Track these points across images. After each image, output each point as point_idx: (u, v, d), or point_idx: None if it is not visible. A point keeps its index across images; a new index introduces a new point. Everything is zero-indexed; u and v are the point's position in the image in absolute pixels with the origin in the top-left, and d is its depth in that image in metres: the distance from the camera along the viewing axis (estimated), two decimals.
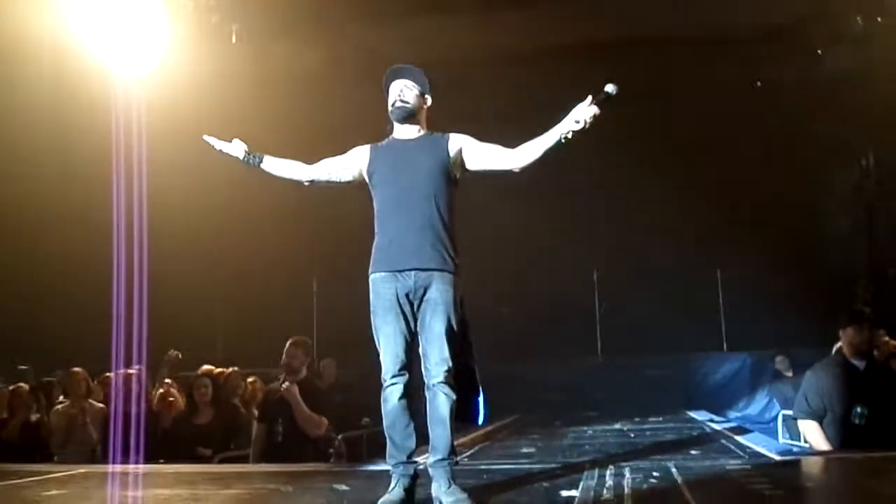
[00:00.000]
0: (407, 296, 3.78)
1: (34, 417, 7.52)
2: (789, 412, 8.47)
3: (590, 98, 3.81)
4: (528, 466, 5.14)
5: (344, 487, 4.37)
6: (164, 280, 9.37)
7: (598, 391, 10.79)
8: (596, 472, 4.59)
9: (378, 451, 6.72)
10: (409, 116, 3.99)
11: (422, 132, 4.04)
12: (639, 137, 11.68)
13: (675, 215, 11.53)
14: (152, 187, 8.57)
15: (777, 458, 5.24)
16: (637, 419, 8.40)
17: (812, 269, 10.93)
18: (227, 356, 8.76)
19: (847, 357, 5.52)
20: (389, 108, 4.00)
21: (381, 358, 3.80)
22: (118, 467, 5.74)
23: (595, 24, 10.24)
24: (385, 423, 3.82)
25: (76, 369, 7.28)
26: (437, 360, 3.75)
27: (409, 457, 3.82)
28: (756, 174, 11.42)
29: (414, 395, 3.82)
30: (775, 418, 9.16)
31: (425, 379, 3.79)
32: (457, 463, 3.88)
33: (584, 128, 3.75)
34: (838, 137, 10.90)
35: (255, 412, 6.91)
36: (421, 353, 3.80)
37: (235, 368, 7.68)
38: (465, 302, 3.93)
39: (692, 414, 9.04)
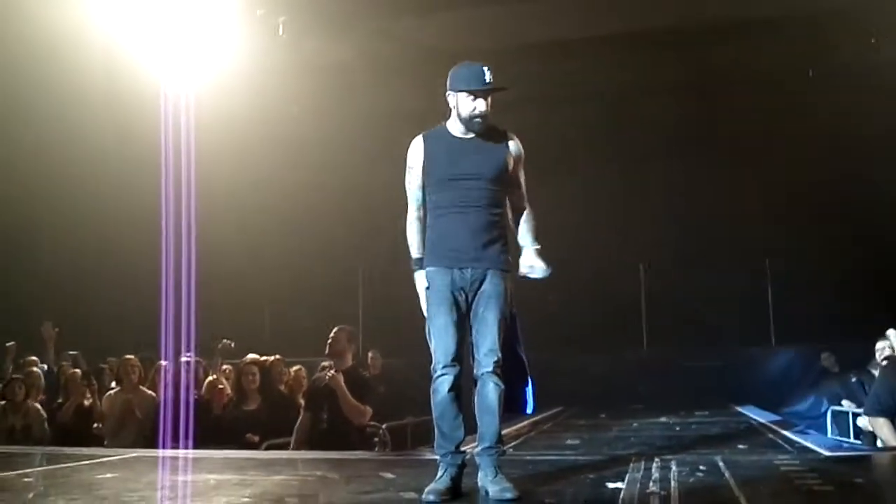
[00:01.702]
0: (462, 289, 3.82)
1: (87, 402, 7.68)
2: (838, 408, 8.37)
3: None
4: (573, 458, 5.14)
5: (390, 475, 4.41)
6: (213, 271, 9.52)
7: (644, 384, 10.73)
8: (642, 464, 4.57)
9: (422, 441, 6.81)
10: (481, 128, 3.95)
11: (489, 138, 3.98)
12: (688, 129, 11.58)
13: (724, 206, 11.40)
14: (201, 180, 8.70)
15: (826, 453, 5.18)
16: (682, 413, 8.34)
17: (862, 262, 10.73)
18: (273, 345, 8.84)
19: None
20: (467, 114, 3.87)
21: (433, 349, 3.82)
22: (168, 452, 5.85)
23: (641, 12, 10.16)
24: (435, 413, 3.83)
25: (129, 356, 7.41)
26: (487, 350, 3.78)
27: (458, 447, 3.83)
28: (808, 163, 11.23)
29: (464, 386, 3.84)
30: (824, 414, 9.03)
31: (475, 369, 3.83)
32: (503, 452, 3.90)
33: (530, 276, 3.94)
34: (890, 126, 10.67)
35: (301, 401, 6.99)
36: (472, 344, 3.84)
37: (279, 356, 7.77)
38: (513, 295, 3.95)
39: (739, 408, 8.95)
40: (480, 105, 3.86)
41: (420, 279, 3.89)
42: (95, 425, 7.36)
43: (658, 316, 11.88)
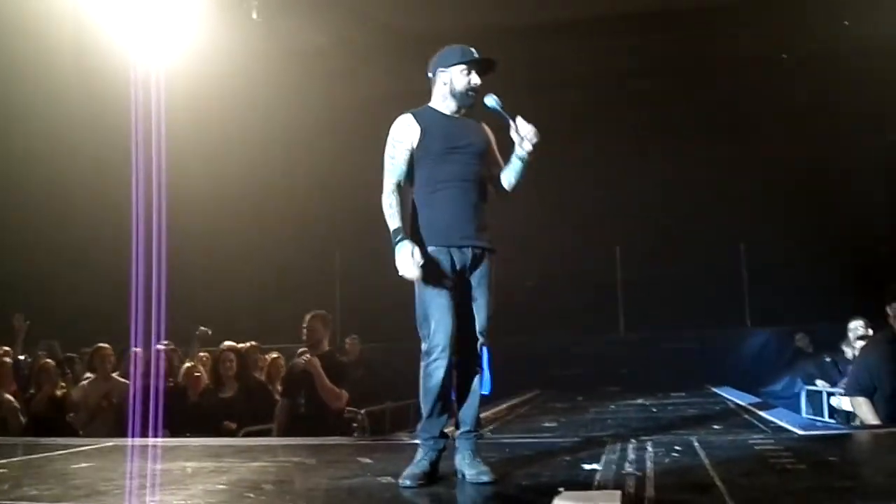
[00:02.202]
0: (461, 271, 3.80)
1: (60, 392, 7.60)
2: (812, 387, 8.47)
3: (513, 125, 3.91)
4: (550, 440, 5.17)
5: (367, 460, 4.41)
6: (188, 258, 9.45)
7: (620, 366, 10.79)
8: (618, 446, 4.60)
9: (400, 425, 6.81)
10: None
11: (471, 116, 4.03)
12: (664, 112, 11.60)
13: (699, 189, 11.45)
14: (172, 165, 8.61)
15: (800, 432, 5.22)
16: (659, 394, 8.40)
17: (836, 244, 10.83)
18: (251, 332, 8.81)
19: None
20: (463, 87, 3.92)
21: (433, 330, 3.71)
22: (145, 440, 5.81)
23: None
24: (426, 396, 3.76)
25: (102, 345, 7.34)
26: (477, 333, 3.82)
27: (442, 432, 3.82)
28: (782, 147, 11.30)
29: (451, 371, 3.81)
30: (798, 394, 9.12)
31: (459, 352, 3.78)
32: (482, 436, 3.90)
33: (533, 142, 3.90)
34: (866, 109, 10.75)
35: (279, 387, 6.98)
36: (466, 327, 3.81)
37: (254, 343, 7.74)
38: None
39: (715, 389, 9.03)
40: (475, 78, 3.92)
41: (406, 251, 3.67)
42: (70, 415, 7.29)
43: (635, 299, 11.94)
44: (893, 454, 4.43)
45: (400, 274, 3.68)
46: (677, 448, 4.44)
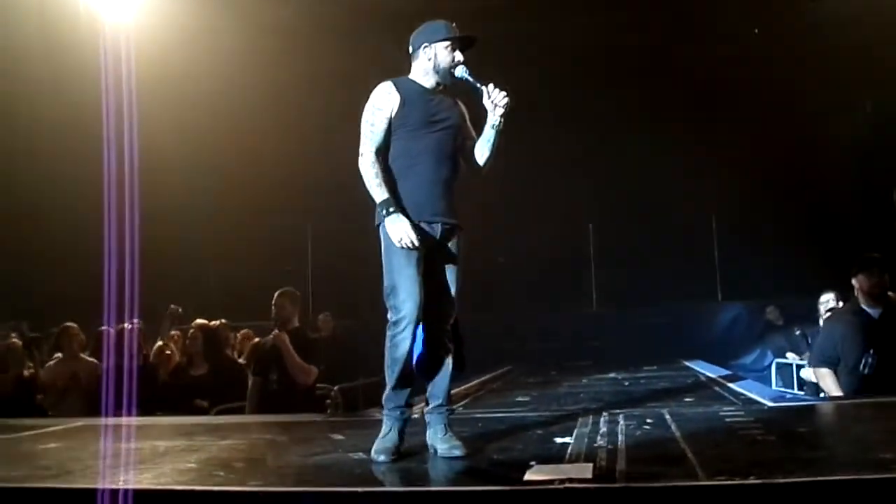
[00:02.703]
0: (430, 245, 3.77)
1: (27, 373, 7.51)
2: (782, 360, 8.56)
3: (485, 92, 3.88)
4: (522, 415, 5.19)
5: (339, 437, 4.39)
6: (159, 234, 9.34)
7: (593, 341, 10.85)
8: (590, 419, 4.62)
9: (374, 402, 6.79)
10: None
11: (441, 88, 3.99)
12: (632, 86, 11.59)
13: (669, 163, 11.47)
14: (143, 139, 8.48)
15: (770, 404, 5.27)
16: (631, 368, 8.45)
17: (807, 217, 10.91)
18: (222, 310, 8.74)
19: (861, 304, 5.51)
20: (447, 63, 3.90)
21: (402, 300, 3.69)
22: (115, 420, 5.76)
23: None
24: (392, 367, 3.76)
25: (69, 324, 7.24)
26: (447, 310, 3.84)
27: (407, 402, 3.83)
28: (752, 122, 11.34)
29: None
30: (768, 366, 9.22)
31: (428, 327, 3.79)
32: (453, 411, 3.90)
33: (505, 106, 3.86)
34: (836, 83, 10.81)
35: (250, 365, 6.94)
36: (434, 303, 3.79)
37: (224, 321, 7.69)
38: None
39: (687, 363, 9.09)
40: (459, 55, 3.92)
41: (402, 223, 3.65)
42: (38, 396, 7.20)
43: (607, 273, 11.99)
44: (861, 425, 4.47)
45: (398, 245, 3.66)
46: (649, 421, 4.47)
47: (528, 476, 3.11)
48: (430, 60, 3.91)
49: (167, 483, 3.38)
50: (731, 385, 6.58)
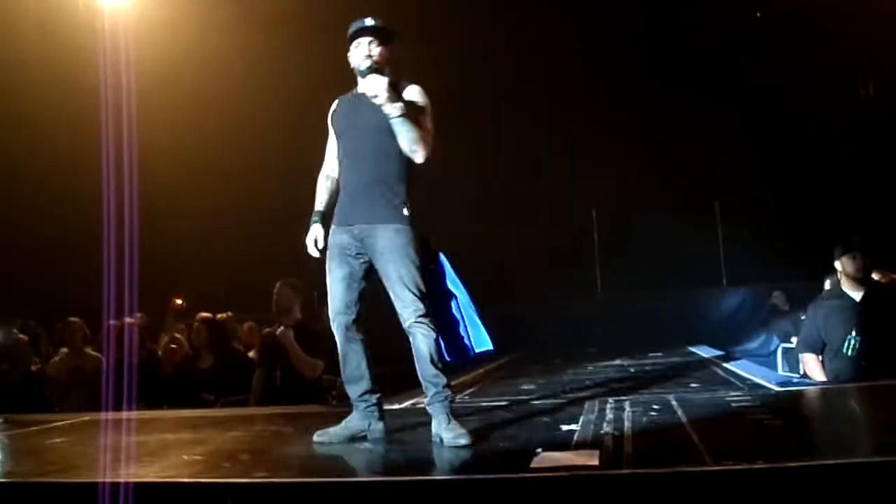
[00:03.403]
0: (354, 248, 3.91)
1: (34, 367, 7.52)
2: (788, 345, 8.53)
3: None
4: (527, 402, 5.17)
5: None
6: (161, 228, 9.32)
7: (598, 328, 10.83)
8: (596, 406, 4.61)
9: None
10: (376, 72, 3.92)
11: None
12: (638, 73, 11.56)
13: (673, 149, 11.44)
14: (143, 132, 8.47)
15: (776, 388, 5.26)
16: (637, 355, 8.43)
17: (813, 200, 10.87)
18: (228, 302, 8.74)
19: (843, 288, 5.50)
20: (356, 64, 3.97)
21: (329, 305, 3.98)
22: (121, 414, 5.75)
23: None
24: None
25: (73, 319, 7.24)
26: (403, 303, 3.84)
27: (363, 394, 4.00)
28: (756, 105, 11.29)
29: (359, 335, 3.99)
30: (774, 351, 9.19)
31: (402, 325, 3.87)
32: (453, 399, 3.90)
33: (378, 97, 3.78)
34: (838, 67, 10.76)
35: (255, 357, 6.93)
36: (394, 303, 3.89)
37: (230, 313, 7.69)
38: (430, 244, 4.07)
39: (693, 349, 9.08)
40: (362, 50, 3.94)
41: (310, 234, 4.08)
42: (46, 391, 7.20)
43: (611, 260, 11.95)
44: (867, 408, 4.46)
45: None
46: (655, 407, 4.45)
47: (534, 463, 3.10)
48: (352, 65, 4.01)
49: (173, 475, 3.38)
50: (737, 370, 6.57)
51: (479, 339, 4.09)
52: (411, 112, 3.83)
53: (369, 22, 3.96)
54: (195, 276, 11.29)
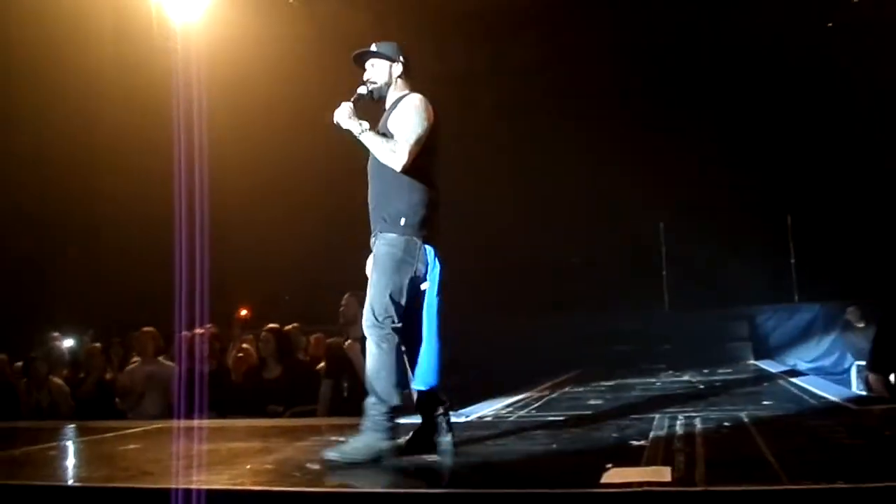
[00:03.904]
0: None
1: (108, 376, 7.71)
2: (862, 363, 8.30)
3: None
4: (595, 417, 5.10)
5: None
6: (230, 240, 9.47)
7: (665, 343, 10.65)
8: (666, 422, 4.53)
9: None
10: (382, 93, 4.15)
11: (393, 100, 4.14)
12: (708, 83, 11.42)
13: (744, 162, 11.24)
14: (213, 145, 8.62)
15: (853, 407, 5.10)
16: (705, 370, 8.29)
17: (887, 215, 10.56)
18: (294, 314, 8.83)
19: None
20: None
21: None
22: (192, 422, 5.85)
23: None
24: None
25: (146, 329, 7.40)
26: (367, 309, 3.94)
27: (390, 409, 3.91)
28: (830, 117, 11.04)
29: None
30: (848, 369, 8.97)
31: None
32: (446, 412, 3.97)
33: (340, 123, 4.03)
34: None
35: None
36: None
37: (296, 325, 7.77)
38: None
39: (763, 365, 8.89)
40: (366, 75, 4.18)
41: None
42: (117, 400, 7.36)
43: (679, 274, 11.75)
44: None
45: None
46: (726, 424, 4.36)
47: (604, 478, 3.06)
48: None
49: (244, 483, 3.42)
50: (810, 388, 6.40)
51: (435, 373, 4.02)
52: (391, 121, 4.03)
53: (373, 47, 4.24)
54: (260, 287, 11.44)
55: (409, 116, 3.99)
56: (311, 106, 11.43)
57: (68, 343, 9.61)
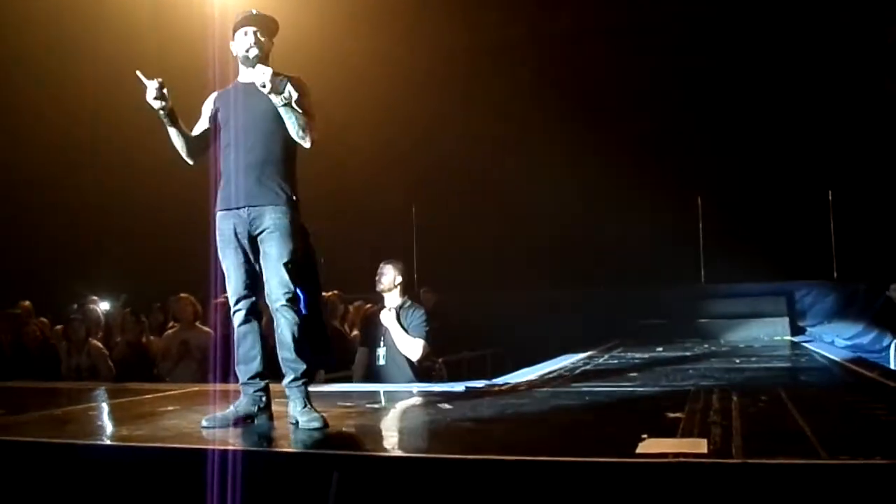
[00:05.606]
0: (245, 230, 3.92)
1: (144, 339, 7.79)
2: None
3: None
4: (630, 389, 5.10)
5: (448, 406, 4.39)
6: None
7: (702, 317, 10.59)
8: (701, 395, 4.50)
9: (478, 374, 6.81)
10: (258, 61, 3.97)
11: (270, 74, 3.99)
12: (748, 61, 11.27)
13: (784, 136, 11.08)
14: None
15: (891, 384, 5.04)
16: (742, 345, 8.23)
17: None
18: (332, 282, 8.89)
19: None
20: (240, 53, 4.01)
21: (227, 288, 4.02)
22: (229, 385, 5.91)
23: None
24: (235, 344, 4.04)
25: (183, 295, 7.46)
26: (275, 285, 3.88)
27: (252, 377, 4.05)
28: (871, 91, 10.85)
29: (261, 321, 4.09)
30: (887, 347, 8.86)
31: (268, 305, 3.93)
32: (308, 384, 3.98)
33: (266, 86, 3.80)
34: None
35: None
36: (264, 282, 3.94)
37: (336, 292, 7.80)
38: (310, 238, 4.10)
39: (801, 341, 8.81)
40: (249, 39, 3.97)
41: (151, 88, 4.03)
42: (154, 370, 7.43)
43: (716, 248, 11.65)
44: None
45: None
46: (763, 398, 4.32)
47: (640, 449, 3.05)
48: (236, 55, 4.06)
49: (281, 446, 3.47)
50: (848, 364, 6.33)
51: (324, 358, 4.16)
52: (298, 100, 3.90)
53: (255, 12, 4.04)
54: None
55: (308, 97, 3.99)
56: (356, 78, 11.53)
57: (104, 306, 9.71)
